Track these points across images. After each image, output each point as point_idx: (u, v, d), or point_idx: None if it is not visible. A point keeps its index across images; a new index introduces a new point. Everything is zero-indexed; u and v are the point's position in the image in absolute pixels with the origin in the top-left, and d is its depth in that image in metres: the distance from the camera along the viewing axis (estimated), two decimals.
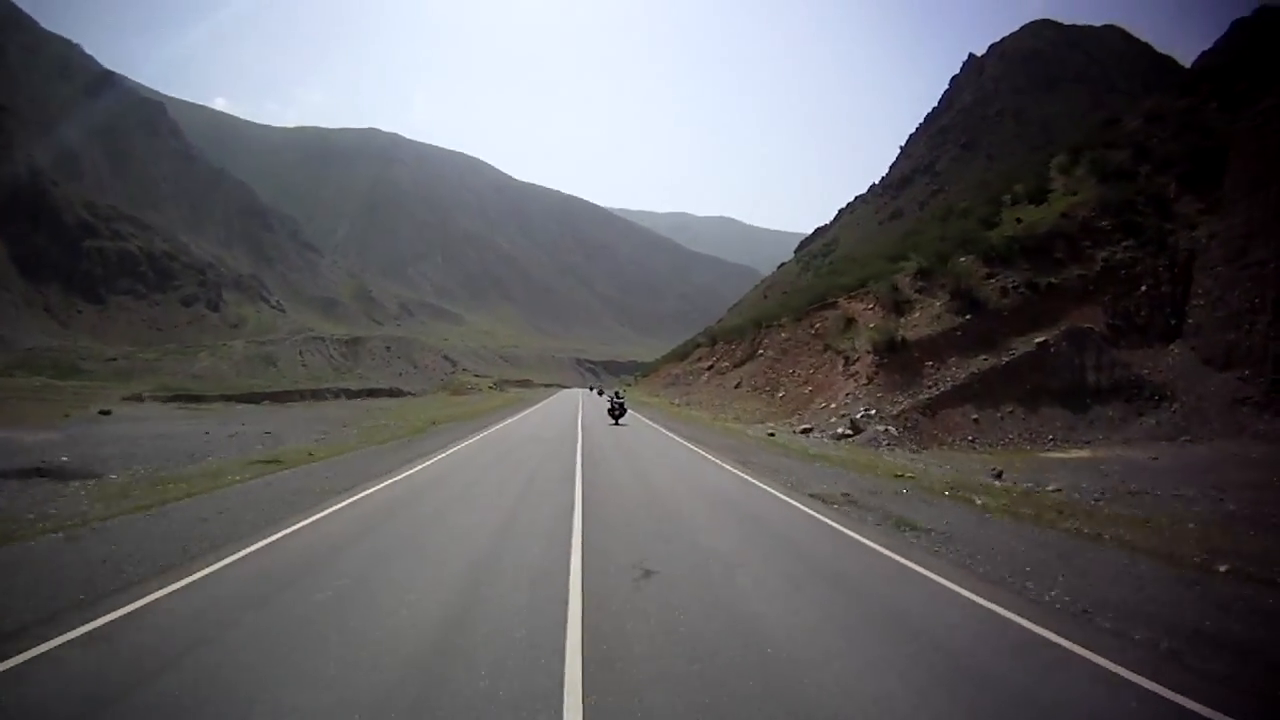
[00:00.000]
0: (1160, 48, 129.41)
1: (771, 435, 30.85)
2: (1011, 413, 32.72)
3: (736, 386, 46.88)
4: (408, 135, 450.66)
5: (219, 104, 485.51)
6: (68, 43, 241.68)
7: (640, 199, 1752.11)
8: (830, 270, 79.80)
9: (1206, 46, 70.18)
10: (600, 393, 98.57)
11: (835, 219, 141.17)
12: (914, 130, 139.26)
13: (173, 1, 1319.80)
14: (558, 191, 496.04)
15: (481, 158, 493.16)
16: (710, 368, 61.15)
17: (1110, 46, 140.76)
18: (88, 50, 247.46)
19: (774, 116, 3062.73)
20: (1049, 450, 30.89)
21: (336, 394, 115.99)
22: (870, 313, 40.08)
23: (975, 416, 31.89)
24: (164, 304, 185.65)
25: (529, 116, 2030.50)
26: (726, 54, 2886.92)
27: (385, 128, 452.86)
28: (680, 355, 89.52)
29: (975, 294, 37.89)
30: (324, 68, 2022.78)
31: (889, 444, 27.54)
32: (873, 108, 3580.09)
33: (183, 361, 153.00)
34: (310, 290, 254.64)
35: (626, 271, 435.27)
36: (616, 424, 35.88)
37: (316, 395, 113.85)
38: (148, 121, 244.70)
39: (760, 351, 48.06)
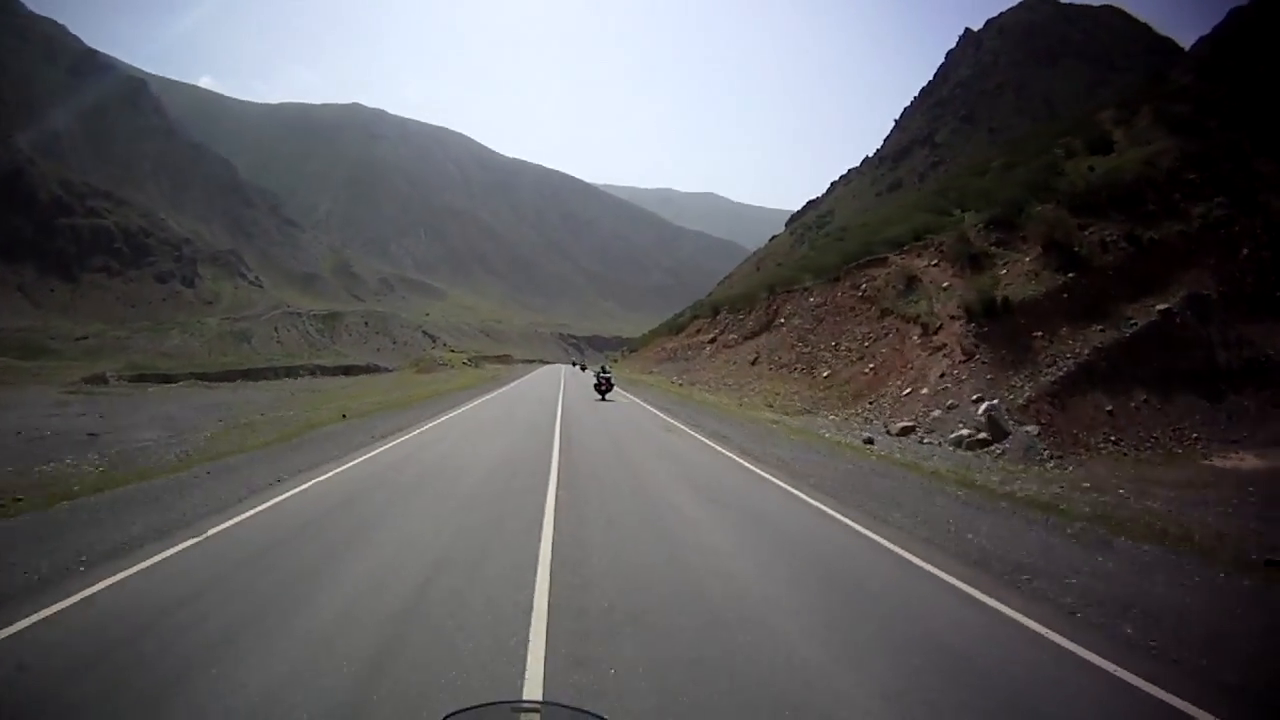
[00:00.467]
0: (1159, 29, 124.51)
1: (870, 445, 19.67)
2: (1146, 402, 23.32)
3: (754, 363, 37.10)
4: (393, 111, 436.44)
5: (204, 82, 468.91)
6: (54, 24, 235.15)
7: (625, 175, 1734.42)
8: (834, 238, 72.64)
9: (1203, 33, 66.54)
10: (583, 368, 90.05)
11: (828, 191, 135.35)
12: (909, 104, 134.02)
13: None
14: (542, 166, 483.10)
15: (466, 133, 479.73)
16: (713, 340, 51.40)
17: (1109, 25, 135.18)
18: (73, 31, 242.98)
19: (759, 94, 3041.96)
20: (1206, 456, 21.64)
21: (312, 371, 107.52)
22: (937, 270, 30.36)
23: (1109, 408, 22.44)
24: (138, 280, 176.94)
25: (514, 94, 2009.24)
26: (712, 31, 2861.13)
27: (370, 104, 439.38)
28: (674, 328, 78.57)
29: (1073, 247, 28.40)
30: (311, 46, 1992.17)
31: (1042, 457, 17.94)
32: (858, 86, 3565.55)
33: (154, 339, 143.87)
34: (290, 265, 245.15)
35: (611, 246, 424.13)
36: (603, 399, 33.35)
37: (291, 372, 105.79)
38: (129, 99, 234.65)
39: (780, 320, 38.68)
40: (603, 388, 34.71)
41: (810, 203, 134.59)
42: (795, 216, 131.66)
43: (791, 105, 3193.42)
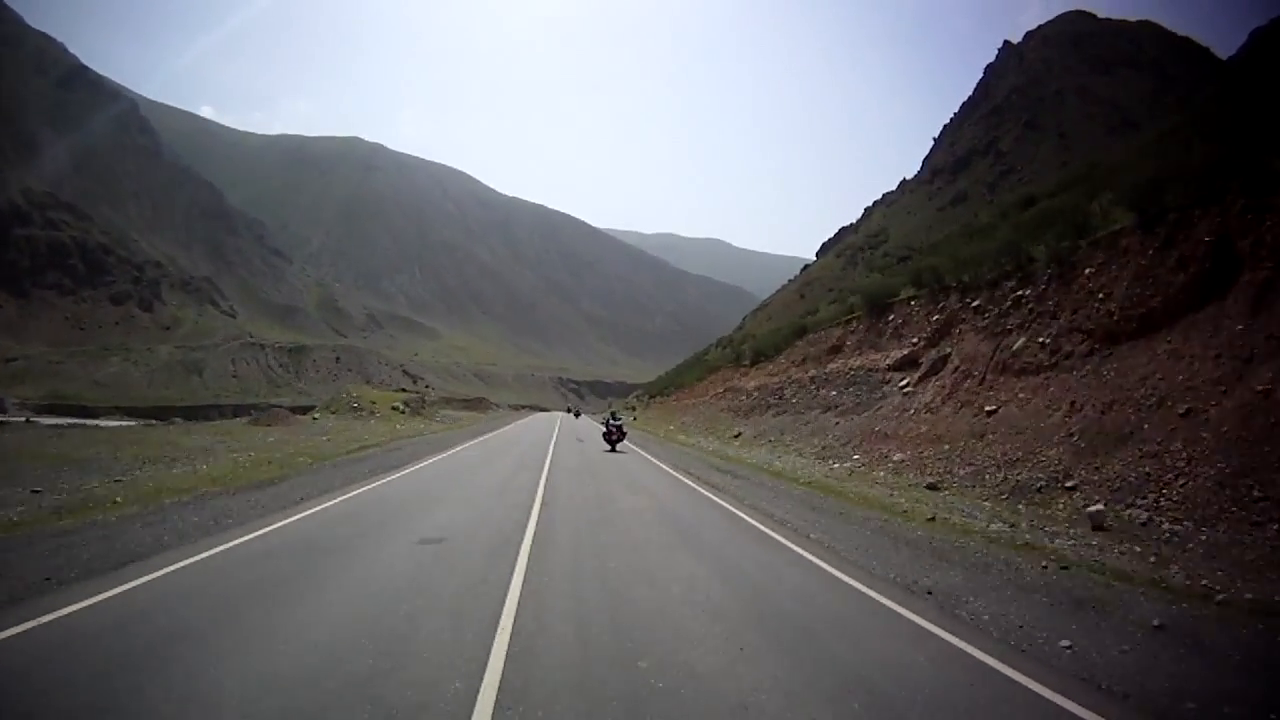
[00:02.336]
0: (1200, 41, 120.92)
1: None
2: None
3: (985, 424, 16.65)
4: (391, 147, 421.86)
5: (205, 112, 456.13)
6: (48, 38, 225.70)
7: (628, 219, 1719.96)
8: (910, 253, 71.39)
9: (1238, 44, 56.90)
10: (576, 414, 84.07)
11: (864, 217, 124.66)
12: (950, 119, 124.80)
13: (167, 17, 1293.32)
14: (542, 206, 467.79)
15: (466, 171, 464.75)
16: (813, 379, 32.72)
17: (1152, 35, 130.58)
18: (72, 50, 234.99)
19: (764, 139, 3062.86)
20: None
21: (240, 410, 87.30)
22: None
23: None
24: (92, 301, 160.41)
25: (516, 135, 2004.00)
26: (716, 76, 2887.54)
27: (369, 138, 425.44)
28: (729, 360, 56.42)
29: None
30: (312, 80, 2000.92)
31: None
32: (864, 132, 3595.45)
33: (90, 365, 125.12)
34: (272, 297, 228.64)
35: (613, 289, 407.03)
36: (614, 450, 29.08)
37: (240, 411, 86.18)
38: (117, 117, 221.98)
39: (956, 362, 19.20)
40: (613, 437, 30.28)
41: (844, 229, 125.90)
42: (829, 244, 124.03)
43: (798, 151, 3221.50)
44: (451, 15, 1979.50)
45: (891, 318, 28.49)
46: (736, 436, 35.34)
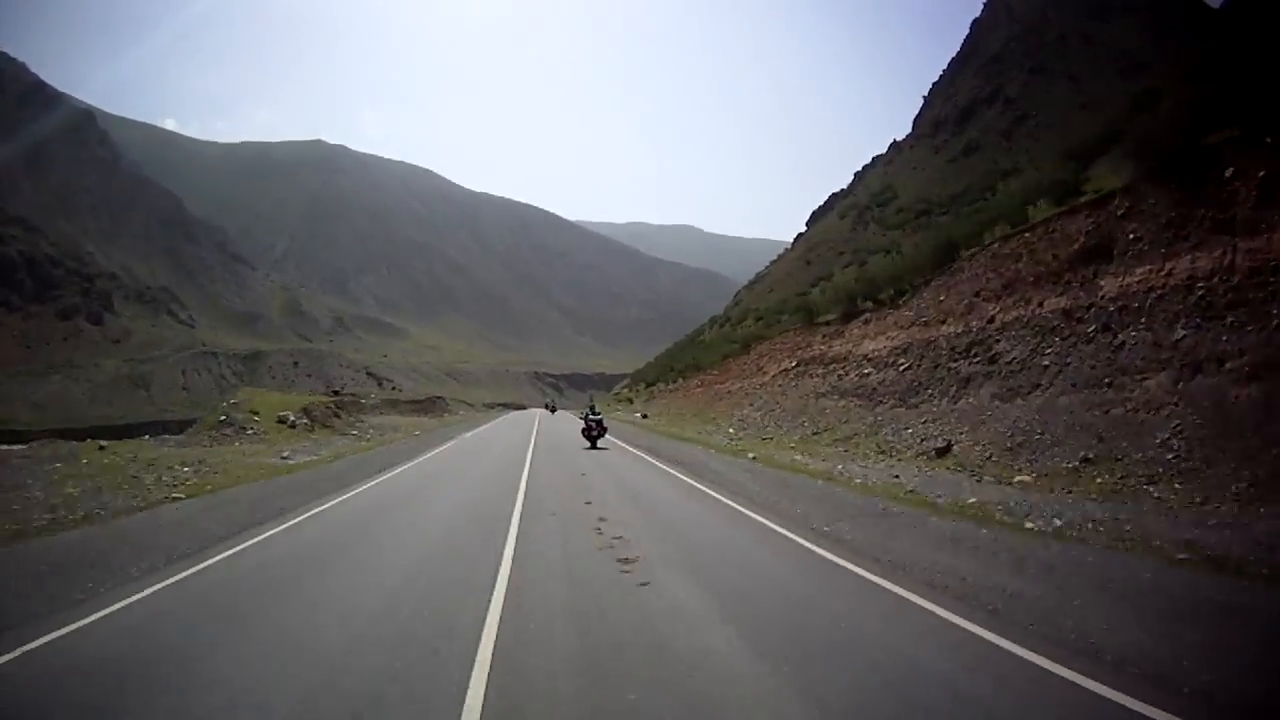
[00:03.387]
0: None
1: None
2: None
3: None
4: (354, 148, 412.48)
5: (169, 124, 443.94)
6: (4, 56, 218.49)
7: (597, 210, 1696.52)
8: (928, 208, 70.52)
9: None
10: (552, 409, 78.79)
11: (855, 180, 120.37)
12: (940, 77, 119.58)
13: (125, 29, 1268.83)
14: (510, 199, 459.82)
15: (431, 168, 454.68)
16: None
17: None
18: (33, 69, 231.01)
19: (732, 123, 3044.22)
20: None
21: (187, 424, 79.62)
22: None
23: None
24: (39, 316, 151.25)
25: (481, 132, 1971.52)
26: (677, 64, 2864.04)
27: (332, 140, 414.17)
28: (752, 338, 48.66)
29: None
30: (274, 86, 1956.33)
31: None
32: (833, 113, 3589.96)
33: (30, 385, 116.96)
34: (234, 304, 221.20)
35: (586, 279, 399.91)
36: (594, 447, 26.99)
37: (187, 426, 78.30)
38: (74, 130, 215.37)
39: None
40: (593, 433, 27.93)
41: (835, 194, 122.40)
42: (822, 210, 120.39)
43: (764, 133, 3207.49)
44: (413, 14, 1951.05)
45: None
46: (768, 439, 26.84)
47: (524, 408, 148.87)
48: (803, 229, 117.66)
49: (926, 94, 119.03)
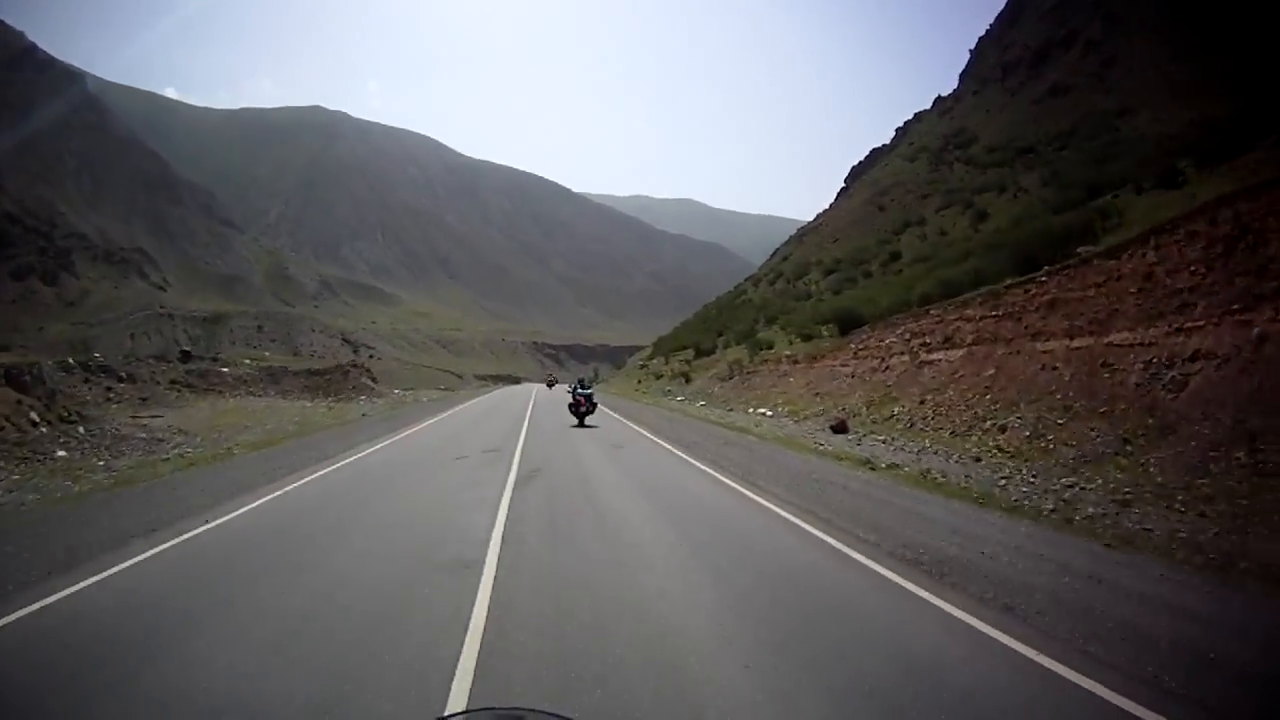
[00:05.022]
0: None
1: None
2: None
3: None
4: (355, 114, 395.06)
5: (169, 93, 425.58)
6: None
7: (599, 182, 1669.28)
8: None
9: None
10: (550, 385, 70.73)
11: (898, 135, 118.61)
12: (988, 29, 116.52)
13: (129, 2, 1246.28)
14: (511, 168, 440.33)
15: (431, 135, 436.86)
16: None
17: None
18: (34, 37, 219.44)
19: (736, 97, 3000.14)
20: None
21: None
22: None
23: None
24: None
25: (482, 99, 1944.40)
26: (680, 35, 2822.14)
27: (331, 107, 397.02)
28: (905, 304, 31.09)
29: None
30: (276, 54, 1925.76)
31: None
32: (837, 88, 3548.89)
33: None
34: (216, 267, 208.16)
35: (588, 250, 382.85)
36: (582, 425, 25.36)
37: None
38: (64, 93, 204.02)
39: None
40: (582, 409, 26.36)
41: (875, 150, 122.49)
42: (862, 166, 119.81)
43: (771, 109, 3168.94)
44: None
45: None
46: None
47: (520, 381, 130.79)
48: (842, 185, 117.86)
49: (973, 48, 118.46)
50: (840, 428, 21.47)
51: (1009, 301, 20.36)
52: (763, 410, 30.04)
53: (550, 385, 69.89)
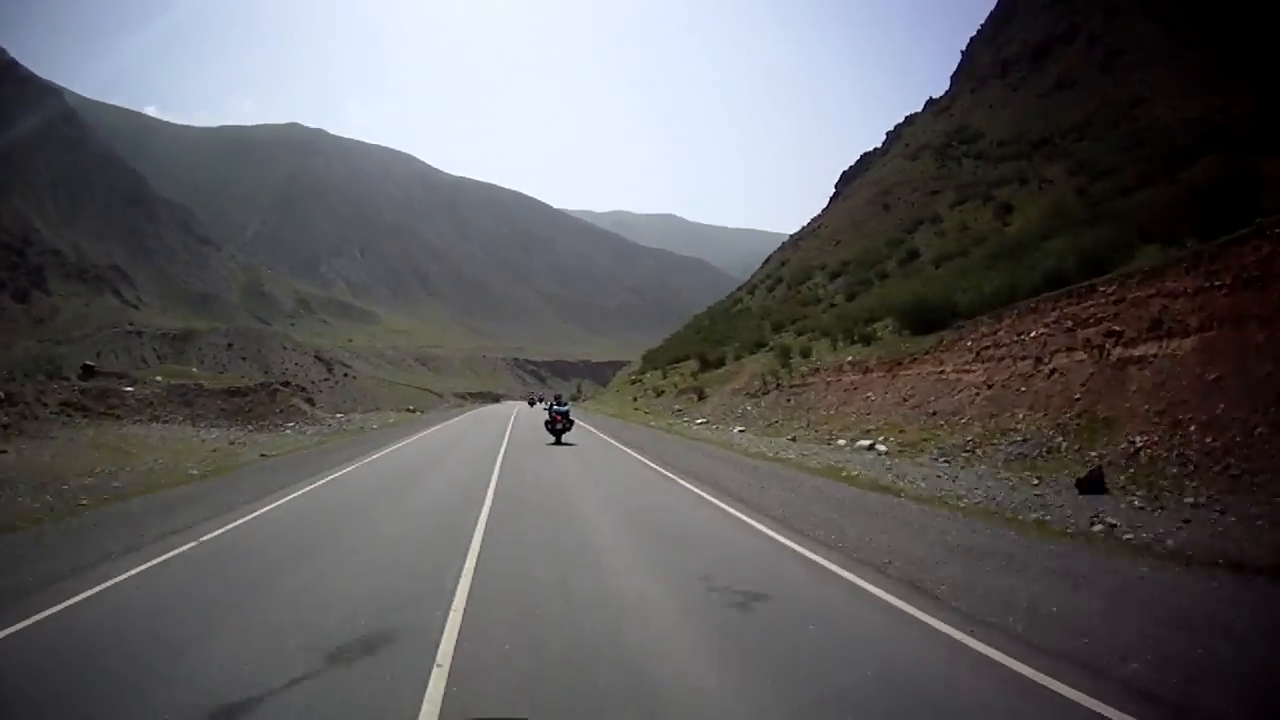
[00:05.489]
0: None
1: None
2: None
3: None
4: (333, 131, 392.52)
5: (150, 111, 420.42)
6: None
7: (579, 199, 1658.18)
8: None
9: None
10: (531, 403, 70.14)
11: (889, 139, 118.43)
12: (979, 29, 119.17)
13: (110, 23, 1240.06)
14: (491, 184, 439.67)
15: (410, 153, 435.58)
16: None
17: None
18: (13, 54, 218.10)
19: (712, 112, 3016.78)
20: None
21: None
22: None
23: None
24: None
25: (461, 119, 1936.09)
26: (660, 50, 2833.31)
27: (310, 124, 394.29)
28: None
29: None
30: (254, 73, 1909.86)
31: None
32: (815, 103, 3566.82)
33: None
34: (191, 285, 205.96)
35: (569, 266, 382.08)
36: (559, 442, 25.06)
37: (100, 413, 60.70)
38: (41, 109, 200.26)
39: None
40: (558, 425, 26.27)
41: (867, 154, 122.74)
42: (852, 171, 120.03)
43: (751, 123, 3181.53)
44: (398, 1, 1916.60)
45: None
46: None
47: (499, 399, 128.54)
48: (832, 190, 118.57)
49: (964, 48, 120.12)
50: (1093, 483, 12.11)
51: (1239, 265, 13.62)
52: (860, 441, 21.07)
53: (531, 404, 67.85)
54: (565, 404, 28.29)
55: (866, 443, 20.52)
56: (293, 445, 25.86)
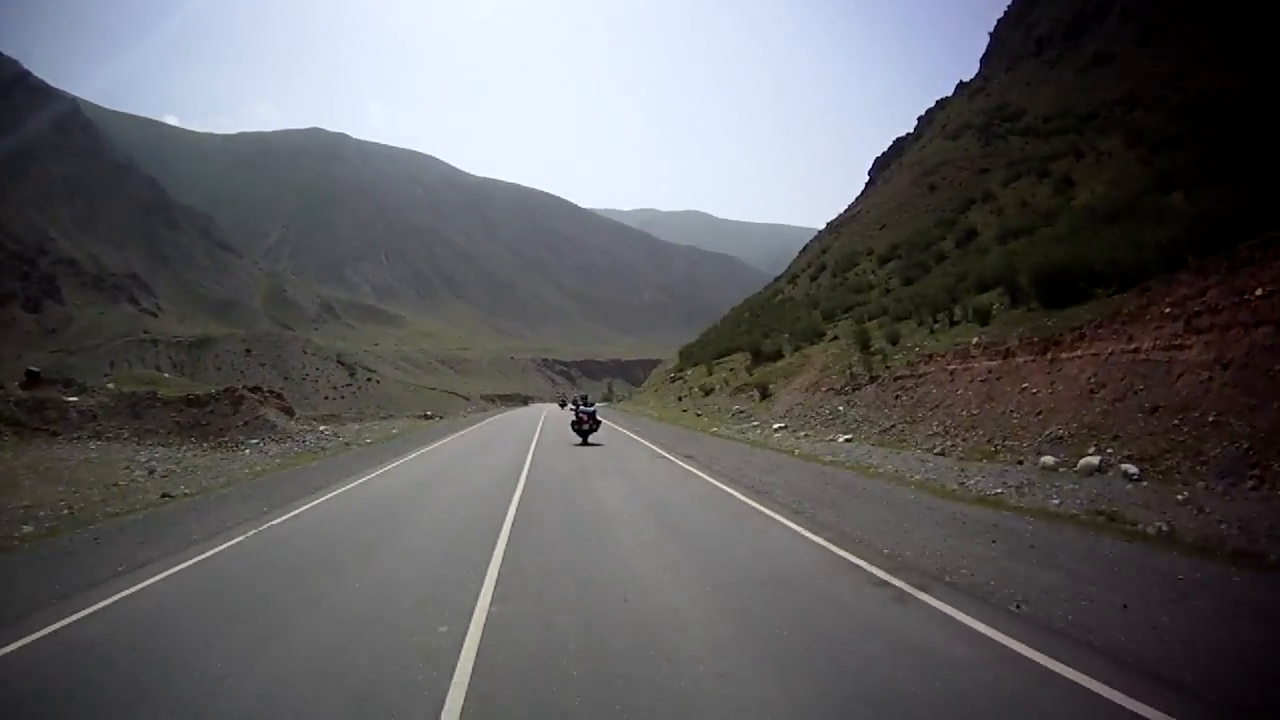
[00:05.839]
0: None
1: None
2: None
3: None
4: (356, 136, 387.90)
5: (170, 120, 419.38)
6: None
7: (605, 197, 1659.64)
8: None
9: None
10: (561, 405, 66.40)
11: (921, 123, 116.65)
12: (1005, 11, 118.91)
13: (126, 31, 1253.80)
14: (517, 185, 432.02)
15: (435, 155, 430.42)
16: None
17: None
18: (30, 68, 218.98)
19: (742, 108, 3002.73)
20: None
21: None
22: None
23: None
24: None
25: (487, 120, 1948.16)
26: (683, 48, 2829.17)
27: (332, 129, 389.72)
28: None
29: None
30: (275, 78, 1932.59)
31: None
32: (842, 97, 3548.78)
33: None
34: (212, 292, 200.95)
35: (596, 264, 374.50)
36: (585, 443, 24.41)
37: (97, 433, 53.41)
38: (57, 119, 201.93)
39: None
40: (584, 426, 25.80)
41: (900, 139, 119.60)
42: (887, 156, 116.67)
43: (777, 118, 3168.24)
44: (422, 3, 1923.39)
45: None
46: None
47: (528, 401, 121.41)
48: (866, 177, 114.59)
49: (992, 30, 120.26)
50: None
51: None
52: (1069, 456, 13.62)
53: (563, 405, 59.47)
54: (592, 404, 28.30)
55: (1094, 460, 12.61)
56: (230, 476, 16.77)
